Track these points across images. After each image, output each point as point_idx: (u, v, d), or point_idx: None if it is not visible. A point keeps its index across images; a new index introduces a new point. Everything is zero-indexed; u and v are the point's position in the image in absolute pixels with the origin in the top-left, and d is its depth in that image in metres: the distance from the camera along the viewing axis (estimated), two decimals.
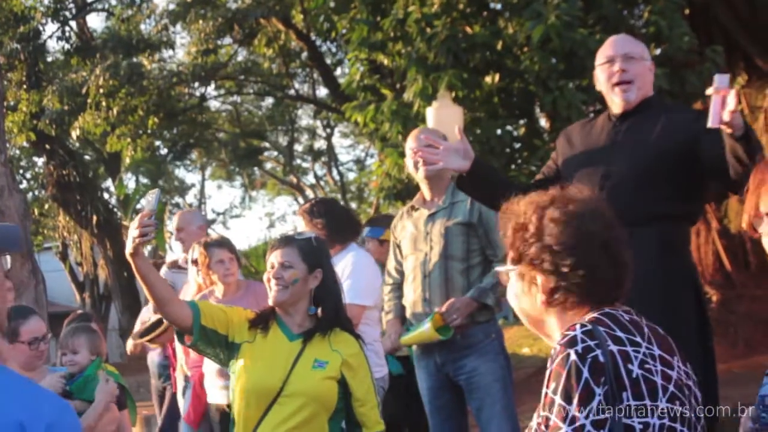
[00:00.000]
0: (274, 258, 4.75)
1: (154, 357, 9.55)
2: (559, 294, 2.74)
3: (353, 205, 43.35)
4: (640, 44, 5.17)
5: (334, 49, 25.17)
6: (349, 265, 6.45)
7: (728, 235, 16.99)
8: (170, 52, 25.18)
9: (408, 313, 6.30)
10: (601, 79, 5.08)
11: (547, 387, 2.59)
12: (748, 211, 2.78)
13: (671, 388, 2.61)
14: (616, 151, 4.94)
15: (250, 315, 4.83)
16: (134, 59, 21.54)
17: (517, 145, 13.65)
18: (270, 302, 4.77)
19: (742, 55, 17.04)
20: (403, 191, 13.38)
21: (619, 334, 2.61)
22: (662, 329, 2.82)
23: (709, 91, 4.15)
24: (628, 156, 4.87)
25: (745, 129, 4.26)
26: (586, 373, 2.53)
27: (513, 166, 13.23)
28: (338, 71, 26.07)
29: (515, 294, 2.86)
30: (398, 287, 6.45)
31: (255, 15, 20.38)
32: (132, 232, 4.40)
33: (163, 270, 8.44)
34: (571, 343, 2.59)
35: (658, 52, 12.80)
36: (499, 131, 12.86)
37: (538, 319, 2.84)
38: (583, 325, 2.62)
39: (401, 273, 6.41)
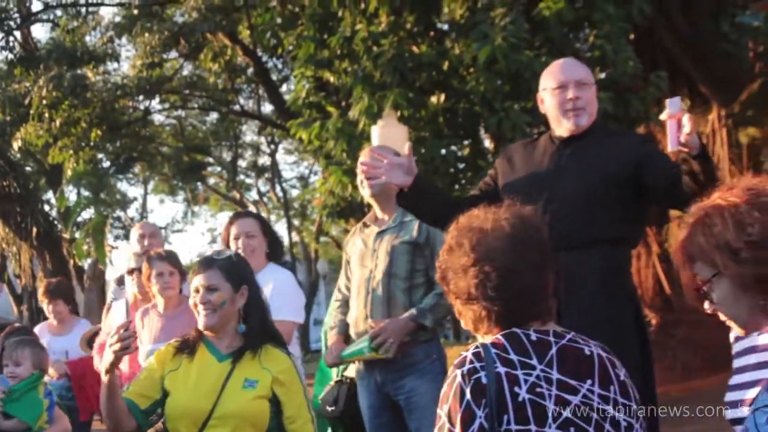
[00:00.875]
0: (198, 282, 4.67)
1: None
2: (464, 316, 2.76)
3: (296, 222, 43.31)
4: (586, 68, 5.16)
5: (280, 66, 25.17)
6: (275, 282, 6.47)
7: (668, 259, 17.09)
8: (115, 64, 25.01)
9: (351, 330, 6.27)
10: (550, 103, 5.06)
11: (440, 408, 2.62)
12: (687, 286, 2.67)
13: (566, 413, 2.59)
14: (560, 175, 4.92)
15: (172, 347, 4.74)
16: (78, 71, 21.37)
17: (461, 166, 13.70)
18: (200, 327, 4.68)
19: (686, 81, 17.23)
20: (347, 209, 13.37)
21: (512, 356, 2.61)
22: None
23: (663, 116, 4.17)
24: (572, 180, 4.86)
25: (701, 148, 4.29)
26: (468, 395, 2.54)
27: (457, 186, 13.27)
28: (284, 88, 26.08)
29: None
30: (345, 303, 6.42)
31: (201, 29, 20.29)
32: (111, 346, 4.32)
33: (113, 287, 8.35)
34: (460, 364, 2.61)
35: (603, 76, 12.91)
36: (443, 151, 12.90)
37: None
38: (476, 347, 2.62)
39: (349, 289, 6.39)
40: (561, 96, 4.99)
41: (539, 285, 2.75)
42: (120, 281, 8.28)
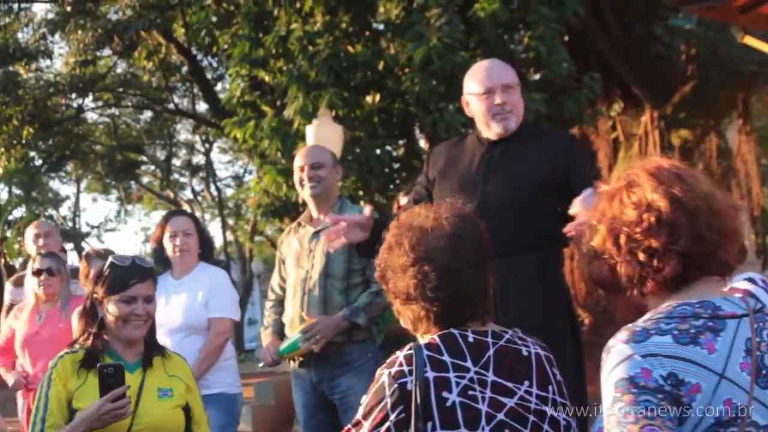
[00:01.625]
0: (140, 292, 4.47)
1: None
2: (403, 315, 2.76)
3: (230, 221, 43.10)
4: (512, 69, 5.16)
5: (215, 64, 25.03)
6: (211, 280, 6.48)
7: None
8: (48, 61, 24.77)
9: (287, 330, 6.25)
10: (477, 108, 5.05)
11: (363, 398, 2.66)
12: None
13: (500, 416, 2.58)
14: (490, 179, 4.92)
15: (70, 362, 4.44)
16: (10, 68, 21.12)
17: (396, 166, 13.71)
18: (129, 338, 4.47)
19: (619, 83, 17.39)
20: (281, 208, 13.33)
21: (445, 358, 2.60)
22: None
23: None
24: (501, 184, 4.86)
25: None
26: (387, 398, 2.53)
27: (392, 186, 13.27)
28: (219, 86, 25.92)
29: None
30: (280, 303, 6.40)
31: (135, 27, 20.13)
32: (106, 407, 4.15)
33: (8, 287, 8.29)
34: (390, 364, 2.60)
35: (537, 77, 12.99)
36: (378, 151, 12.91)
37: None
38: (408, 349, 2.61)
39: (284, 289, 6.37)
40: (488, 101, 4.99)
41: (479, 285, 2.75)
42: (17, 282, 8.20)
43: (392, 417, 2.54)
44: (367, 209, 5.00)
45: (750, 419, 2.37)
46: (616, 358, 2.41)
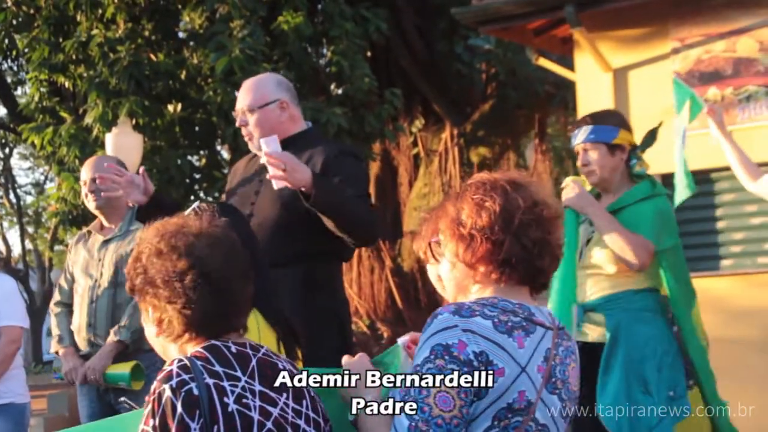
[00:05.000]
0: None
1: None
2: (166, 325, 2.74)
3: (30, 229, 42.08)
4: (260, 89, 5.04)
5: (15, 68, 24.42)
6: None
7: (401, 274, 17.52)
8: None
9: (75, 337, 6.15)
10: None
11: (146, 424, 2.56)
12: (425, 238, 2.85)
13: (269, 424, 2.63)
14: (262, 189, 4.91)
15: None
16: None
17: (198, 176, 13.65)
18: None
19: (420, 99, 17.68)
20: (79, 217, 13.10)
21: (217, 368, 2.60)
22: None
23: (262, 159, 4.39)
24: (270, 194, 4.81)
25: (316, 190, 4.46)
26: (179, 408, 2.52)
27: (192, 197, 13.20)
28: (19, 91, 25.28)
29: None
30: (70, 313, 6.30)
31: None
32: None
33: None
34: (167, 378, 2.56)
35: (339, 91, 13.13)
36: (179, 161, 12.82)
37: (160, 345, 2.84)
38: (180, 360, 2.61)
39: (72, 297, 6.27)
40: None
41: (244, 296, 2.77)
42: None
43: (193, 425, 2.51)
44: (141, 169, 5.02)
45: (533, 415, 2.59)
46: (440, 325, 2.58)
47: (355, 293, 17.16)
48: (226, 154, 14.30)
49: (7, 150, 38.18)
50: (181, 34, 14.07)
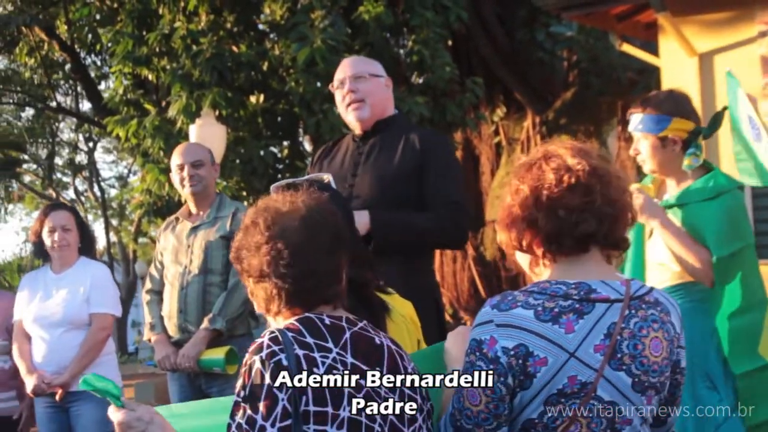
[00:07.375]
0: None
1: None
2: (258, 299, 2.78)
3: (114, 222, 42.57)
4: (371, 63, 5.22)
5: (99, 63, 24.71)
6: (93, 276, 6.41)
7: (483, 263, 17.47)
8: None
9: (166, 323, 6.20)
10: (338, 102, 5.15)
11: (238, 395, 2.60)
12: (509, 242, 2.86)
13: (359, 397, 2.62)
14: (360, 172, 4.95)
15: None
16: None
17: (280, 167, 13.71)
18: None
19: (502, 88, 17.58)
20: (164, 208, 13.23)
21: (308, 339, 2.62)
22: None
23: None
24: (370, 176, 4.89)
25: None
26: (268, 379, 2.55)
27: None
28: (103, 85, 25.58)
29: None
30: (161, 300, 6.35)
31: (16, 22, 19.76)
32: None
33: None
34: (258, 350, 2.60)
35: (420, 80, 13.10)
36: (262, 152, 12.90)
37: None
38: (272, 332, 2.63)
39: (163, 285, 6.32)
40: (341, 93, 5.06)
41: (329, 268, 2.77)
42: None
43: (281, 395, 2.53)
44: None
45: (595, 394, 2.61)
46: (479, 318, 2.68)
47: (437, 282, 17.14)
48: (308, 145, 14.34)
49: (91, 144, 38.63)
50: (262, 26, 14.13)
